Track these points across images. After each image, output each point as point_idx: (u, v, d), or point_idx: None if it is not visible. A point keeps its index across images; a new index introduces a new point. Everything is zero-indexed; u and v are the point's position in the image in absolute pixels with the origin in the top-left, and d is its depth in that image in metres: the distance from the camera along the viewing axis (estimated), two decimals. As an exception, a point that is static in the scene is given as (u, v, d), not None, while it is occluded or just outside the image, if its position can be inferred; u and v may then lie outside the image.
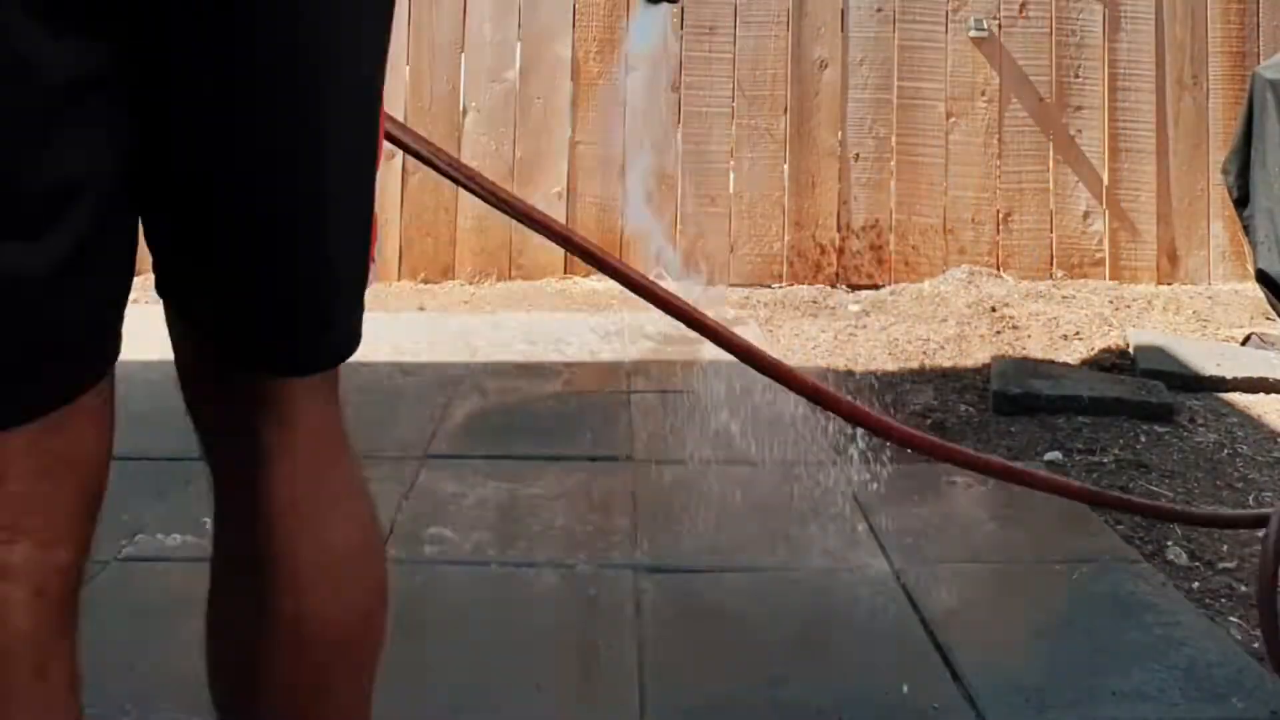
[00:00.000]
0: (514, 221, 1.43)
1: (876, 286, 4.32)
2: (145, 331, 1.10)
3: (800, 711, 1.57)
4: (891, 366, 3.33)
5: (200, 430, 0.94)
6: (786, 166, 4.40)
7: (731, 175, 4.40)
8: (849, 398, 1.62)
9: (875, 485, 2.25)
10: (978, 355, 3.40)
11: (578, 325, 3.69)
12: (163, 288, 0.89)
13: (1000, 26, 4.48)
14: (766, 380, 1.55)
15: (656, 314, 1.49)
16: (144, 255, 0.85)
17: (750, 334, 3.60)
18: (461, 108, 4.37)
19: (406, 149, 1.32)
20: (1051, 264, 4.41)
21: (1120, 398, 2.85)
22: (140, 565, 1.97)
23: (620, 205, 4.30)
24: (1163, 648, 1.76)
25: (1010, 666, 1.69)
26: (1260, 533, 1.60)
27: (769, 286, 4.29)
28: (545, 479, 2.36)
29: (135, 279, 0.84)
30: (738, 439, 2.27)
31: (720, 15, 4.42)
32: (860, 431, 2.17)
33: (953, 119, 4.44)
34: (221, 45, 0.77)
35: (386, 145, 0.98)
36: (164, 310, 0.91)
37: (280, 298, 0.86)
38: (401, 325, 3.62)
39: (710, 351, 1.60)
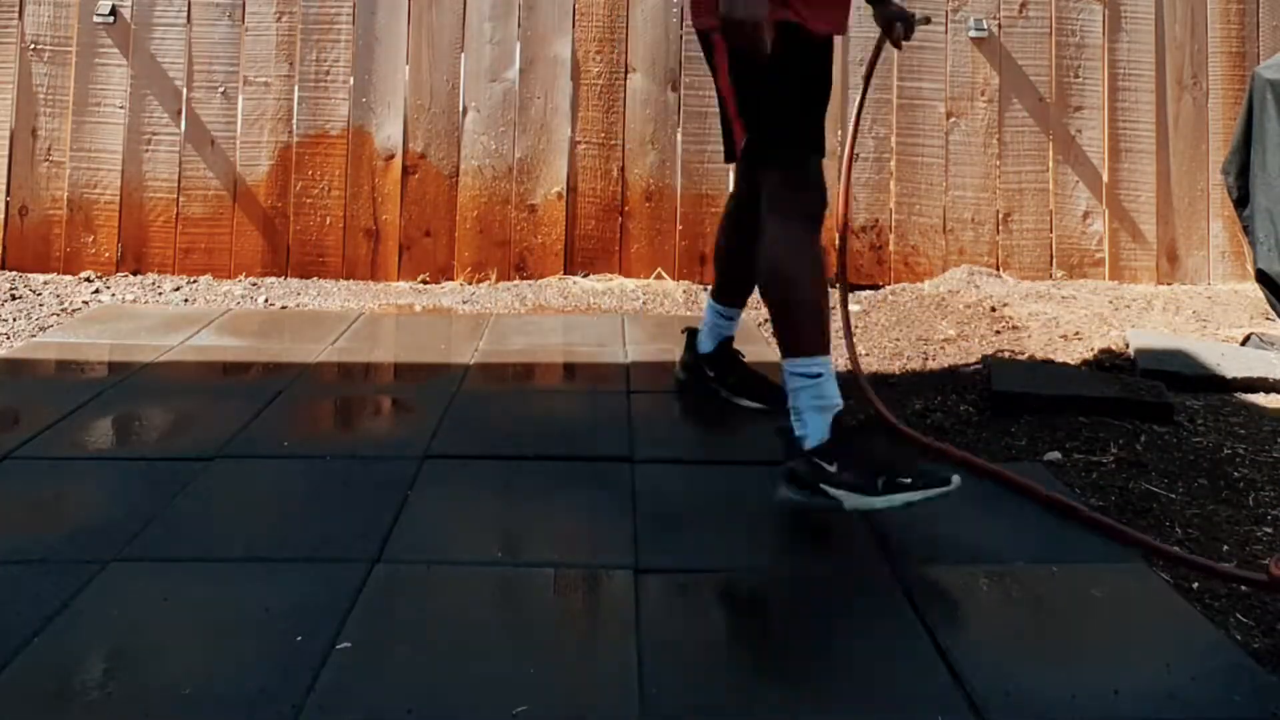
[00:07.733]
0: (514, 221, 1.44)
1: (876, 286, 4.32)
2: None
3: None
4: (892, 366, 3.33)
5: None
6: (786, 166, 4.40)
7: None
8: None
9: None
10: (978, 355, 3.40)
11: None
12: None
13: (1000, 26, 4.48)
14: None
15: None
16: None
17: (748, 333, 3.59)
18: (461, 107, 4.37)
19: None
20: (1051, 264, 4.42)
21: (1120, 398, 2.84)
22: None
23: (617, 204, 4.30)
24: (1163, 648, 1.76)
25: (1010, 667, 1.69)
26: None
27: (769, 286, 4.29)
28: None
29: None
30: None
31: (720, 15, 4.42)
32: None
33: (953, 119, 4.45)
34: None
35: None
36: None
37: None
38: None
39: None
